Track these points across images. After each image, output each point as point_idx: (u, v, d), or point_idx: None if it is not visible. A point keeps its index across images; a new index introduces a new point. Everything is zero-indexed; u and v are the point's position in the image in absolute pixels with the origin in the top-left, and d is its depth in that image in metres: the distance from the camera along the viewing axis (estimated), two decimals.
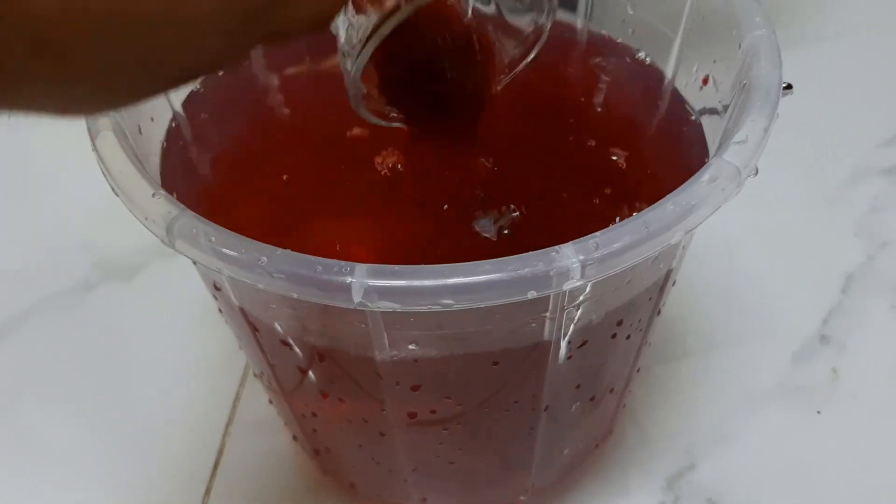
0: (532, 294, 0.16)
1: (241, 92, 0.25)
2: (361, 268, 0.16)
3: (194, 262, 0.20)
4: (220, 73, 0.24)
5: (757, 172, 0.18)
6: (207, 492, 0.28)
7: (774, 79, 0.19)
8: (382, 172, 0.23)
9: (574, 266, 0.16)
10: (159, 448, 0.29)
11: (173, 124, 0.23)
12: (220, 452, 0.28)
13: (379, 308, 0.16)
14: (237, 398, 0.30)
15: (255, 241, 0.16)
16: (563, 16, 0.26)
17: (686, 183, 0.17)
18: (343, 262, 0.16)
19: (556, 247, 0.16)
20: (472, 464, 0.23)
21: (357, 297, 0.16)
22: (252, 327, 0.20)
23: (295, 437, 0.27)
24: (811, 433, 0.28)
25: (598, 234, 0.16)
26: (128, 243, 0.35)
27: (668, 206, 0.17)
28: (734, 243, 0.33)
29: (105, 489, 0.28)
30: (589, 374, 0.22)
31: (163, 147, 0.22)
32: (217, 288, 0.20)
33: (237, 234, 0.16)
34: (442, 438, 0.22)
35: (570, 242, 0.16)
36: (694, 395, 0.29)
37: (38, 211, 0.37)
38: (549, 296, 0.17)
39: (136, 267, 0.34)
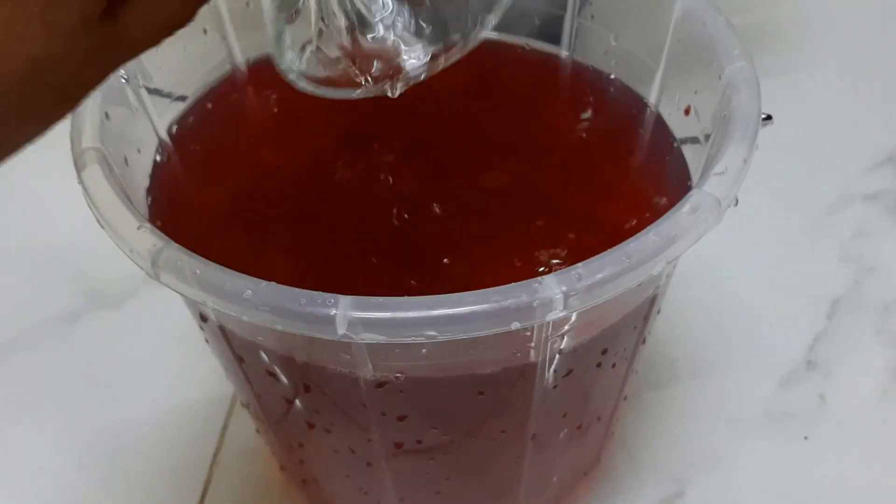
0: (516, 325, 0.16)
1: (229, 120, 0.25)
2: (346, 300, 0.16)
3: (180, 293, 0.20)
4: (209, 105, 0.25)
5: (737, 203, 0.18)
6: None
7: (753, 111, 0.20)
8: (373, 203, 0.23)
9: (557, 297, 0.16)
10: (147, 477, 0.29)
11: (159, 154, 0.23)
12: (208, 482, 0.28)
13: (363, 340, 0.16)
14: (225, 427, 0.30)
15: (239, 274, 0.16)
16: (546, 47, 0.26)
17: (667, 214, 0.17)
18: (327, 294, 0.16)
19: (539, 278, 0.16)
20: (459, 493, 0.23)
21: (341, 329, 0.16)
22: (238, 358, 0.20)
23: (282, 467, 0.27)
24: (799, 459, 0.28)
25: (580, 265, 0.16)
26: (115, 272, 0.35)
27: (649, 236, 0.17)
28: (721, 270, 0.34)
29: None
30: (575, 403, 0.22)
31: (151, 176, 0.22)
32: (203, 318, 0.20)
33: (222, 267, 0.16)
34: (429, 468, 0.22)
35: (553, 274, 0.16)
36: (682, 421, 0.29)
37: (25, 239, 0.37)
38: (532, 326, 0.17)
39: (123, 296, 0.34)
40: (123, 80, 0.22)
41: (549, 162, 0.25)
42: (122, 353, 0.32)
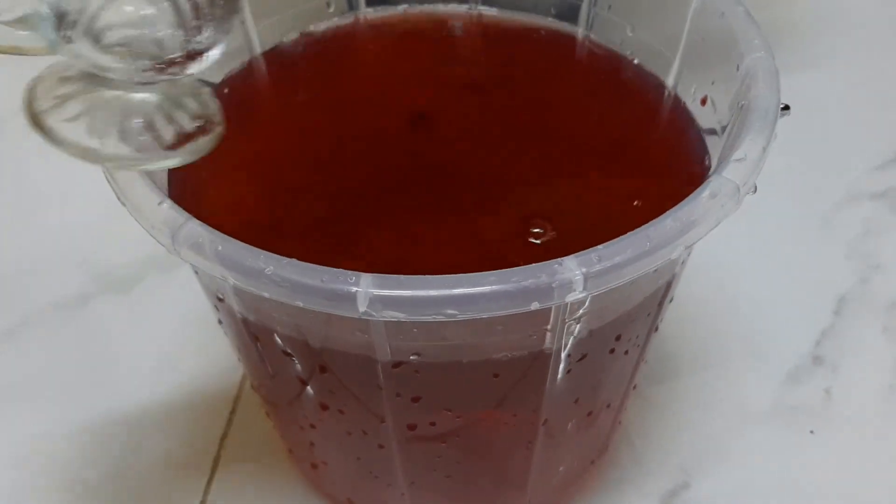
0: (535, 305, 0.16)
1: (246, 106, 0.25)
2: (367, 277, 0.16)
3: (196, 272, 0.21)
4: (226, 90, 0.25)
5: (756, 190, 0.19)
6: (202, 503, 0.28)
7: (773, 100, 0.20)
8: (391, 186, 0.23)
9: (577, 278, 0.16)
10: (154, 460, 0.29)
11: None
12: (216, 464, 0.28)
13: (384, 317, 0.16)
14: (233, 412, 0.30)
15: (261, 251, 0.16)
16: (563, 26, 0.26)
17: (686, 199, 0.17)
18: (348, 272, 0.16)
19: (559, 259, 0.16)
20: (469, 478, 0.23)
21: (362, 307, 0.16)
22: (254, 338, 0.20)
23: (291, 451, 0.27)
24: (805, 453, 0.29)
25: (600, 247, 0.16)
26: (125, 256, 0.35)
27: (668, 221, 0.17)
28: (728, 264, 0.34)
29: (98, 500, 0.28)
30: (587, 389, 0.22)
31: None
32: (219, 298, 0.20)
33: (243, 243, 0.17)
34: (440, 451, 0.22)
35: (573, 255, 0.16)
36: (688, 413, 0.30)
37: (33, 223, 0.37)
38: (550, 308, 0.17)
39: (133, 280, 0.34)
40: None
41: (563, 144, 0.25)
42: (131, 337, 0.32)
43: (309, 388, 0.21)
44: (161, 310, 0.33)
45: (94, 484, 0.28)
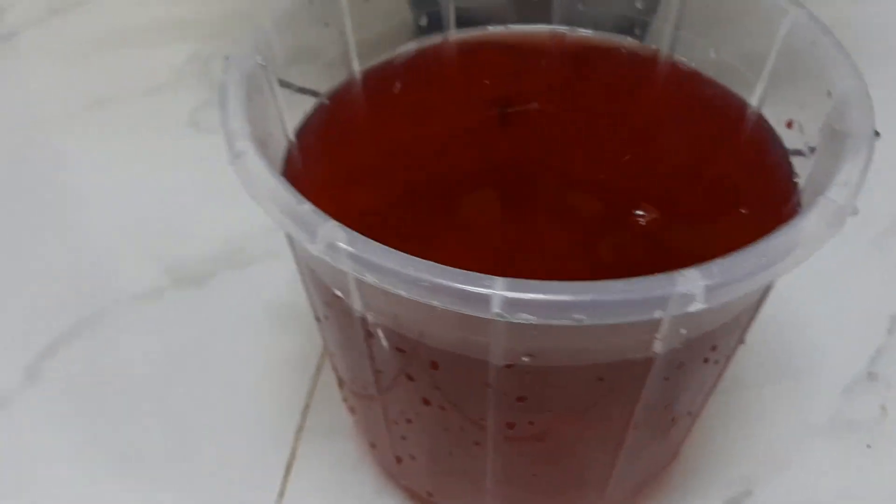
0: (658, 314, 0.17)
1: (346, 117, 0.26)
2: (501, 281, 0.17)
3: (311, 270, 0.22)
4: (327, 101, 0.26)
5: (857, 212, 0.20)
6: (281, 494, 0.28)
7: (868, 126, 0.21)
8: (498, 191, 0.24)
9: (699, 290, 0.17)
10: (230, 456, 0.30)
11: (287, 150, 0.24)
12: (293, 458, 0.29)
13: (516, 319, 0.17)
14: (307, 406, 0.31)
15: (398, 252, 0.17)
16: (645, 47, 0.27)
17: (795, 219, 0.18)
18: (484, 275, 0.17)
19: (681, 270, 0.17)
20: (554, 478, 0.24)
21: (495, 308, 0.17)
22: (367, 334, 0.21)
23: (373, 445, 0.28)
24: (862, 465, 0.30)
25: (718, 260, 0.17)
26: (197, 251, 0.36)
27: (781, 238, 0.18)
28: (787, 284, 0.34)
29: (178, 491, 0.29)
30: (677, 396, 0.23)
31: (283, 161, 0.23)
32: (336, 296, 0.21)
33: (380, 244, 0.18)
34: (533, 451, 0.23)
35: (694, 267, 0.17)
36: (750, 424, 0.31)
37: (106, 217, 0.38)
38: (665, 318, 0.18)
39: (206, 274, 0.35)
40: (262, 66, 0.23)
41: (648, 155, 0.26)
42: (205, 331, 0.33)
43: (415, 383, 0.22)
44: (233, 305, 0.34)
45: (172, 469, 0.29)
